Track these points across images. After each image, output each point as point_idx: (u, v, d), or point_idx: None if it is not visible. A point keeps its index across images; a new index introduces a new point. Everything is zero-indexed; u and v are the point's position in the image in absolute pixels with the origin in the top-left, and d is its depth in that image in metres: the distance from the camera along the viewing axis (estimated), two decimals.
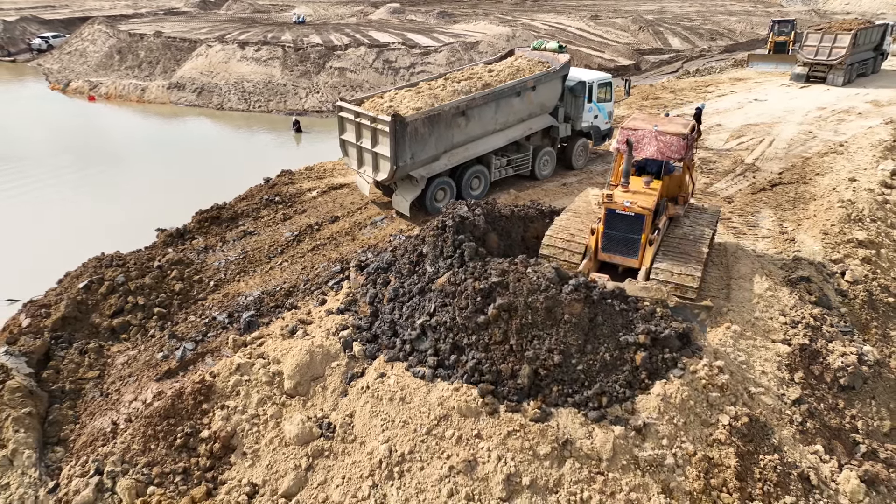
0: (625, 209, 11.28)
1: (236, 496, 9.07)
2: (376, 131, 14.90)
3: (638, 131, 12.02)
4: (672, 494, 8.36)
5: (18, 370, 10.30)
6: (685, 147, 11.84)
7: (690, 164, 13.30)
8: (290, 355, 10.61)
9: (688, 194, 13.31)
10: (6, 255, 19.89)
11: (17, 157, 31.72)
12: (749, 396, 9.92)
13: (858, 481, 9.45)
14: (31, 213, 23.79)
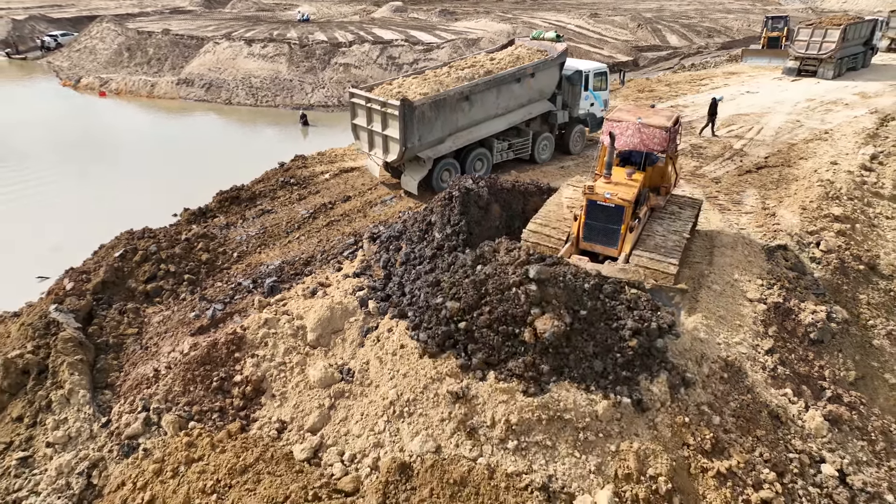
0: (605, 200, 11.60)
1: (267, 431, 10.20)
2: (386, 115, 16.00)
3: (622, 123, 12.47)
4: (656, 427, 9.45)
5: (68, 324, 11.43)
6: (667, 139, 12.28)
7: (674, 155, 13.69)
8: (311, 311, 11.74)
9: (670, 185, 13.61)
10: (35, 239, 21.11)
11: (39, 150, 32.92)
12: (726, 346, 11.04)
13: (822, 419, 10.58)
14: (56, 200, 24.99)
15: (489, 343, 9.68)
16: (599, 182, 12.06)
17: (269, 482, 9.16)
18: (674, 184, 14.05)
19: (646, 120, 12.43)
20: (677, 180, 14.66)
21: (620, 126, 12.48)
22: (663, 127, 12.22)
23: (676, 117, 13.09)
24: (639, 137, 12.39)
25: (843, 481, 9.92)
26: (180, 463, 9.56)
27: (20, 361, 10.72)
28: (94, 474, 9.76)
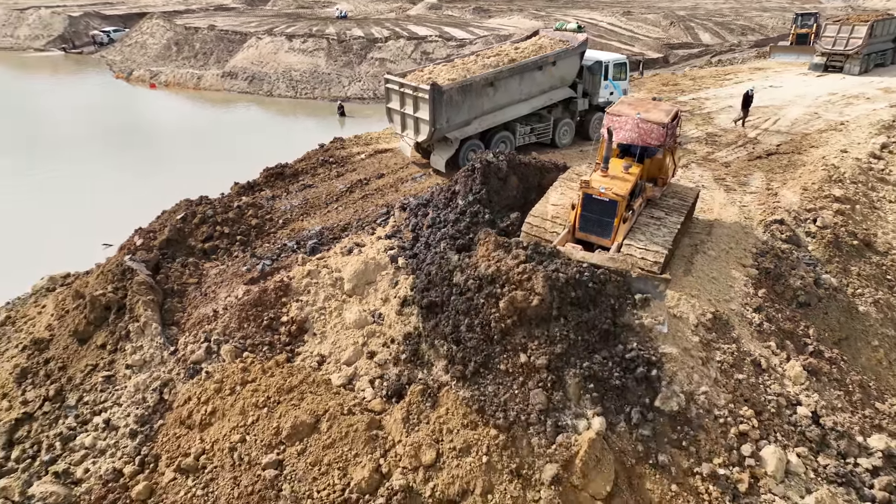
0: (600, 195, 12.00)
1: (309, 363, 11.88)
2: (417, 99, 17.58)
3: (621, 117, 12.90)
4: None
5: (140, 270, 13.30)
6: (664, 135, 12.67)
7: (673, 148, 14.15)
8: (348, 265, 13.40)
9: (667, 176, 14.03)
10: (101, 211, 23.38)
11: (101, 134, 35.59)
12: (716, 302, 12.30)
13: (802, 369, 11.79)
14: (118, 177, 27.36)
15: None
16: (595, 175, 12.56)
17: (311, 399, 10.82)
18: (672, 174, 14.57)
19: (644, 115, 12.86)
20: (675, 171, 15.20)
21: (619, 120, 12.94)
22: (661, 123, 12.68)
23: (676, 112, 13.60)
24: (637, 132, 12.82)
25: (816, 422, 11.12)
26: (236, 383, 11.29)
27: (103, 299, 12.61)
28: (164, 391, 11.56)
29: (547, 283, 10.51)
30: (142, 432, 11.03)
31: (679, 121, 14.19)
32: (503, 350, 10.41)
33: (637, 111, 13.10)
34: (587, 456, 9.49)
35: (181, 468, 10.35)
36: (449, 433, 9.93)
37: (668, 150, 13.56)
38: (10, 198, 26.67)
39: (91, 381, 11.92)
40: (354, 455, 10.02)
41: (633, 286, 11.17)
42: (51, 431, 11.43)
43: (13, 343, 14.49)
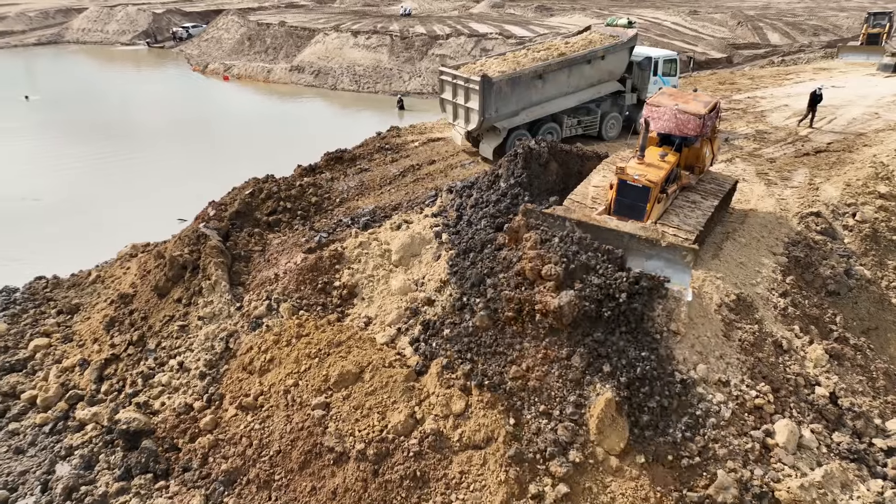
0: (634, 181, 12.46)
1: (357, 322, 13.15)
2: (469, 90, 18.62)
3: (660, 108, 13.32)
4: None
5: (213, 236, 14.91)
6: (701, 126, 12.98)
7: (712, 138, 14.51)
8: (396, 239, 14.61)
9: (704, 165, 14.29)
10: (178, 190, 25.56)
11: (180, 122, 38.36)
12: (742, 285, 12.83)
13: (823, 352, 12.21)
14: (194, 159, 29.69)
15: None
16: (632, 163, 13.04)
17: (357, 352, 12.09)
18: (710, 163, 14.89)
19: (682, 106, 13.21)
20: (714, 160, 15.45)
21: (658, 111, 13.37)
22: (698, 114, 13.00)
23: (715, 103, 13.96)
24: (674, 122, 13.20)
25: (833, 402, 11.56)
26: (292, 336, 12.68)
27: (180, 259, 14.28)
28: (230, 341, 13.08)
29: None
30: (209, 374, 12.56)
31: (718, 112, 14.49)
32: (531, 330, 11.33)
33: (676, 102, 13.55)
34: (603, 414, 10.34)
35: (242, 406, 11.81)
36: (478, 388, 10.96)
37: (705, 139, 13.96)
38: (100, 177, 29.39)
39: (168, 330, 13.58)
40: (392, 402, 11.21)
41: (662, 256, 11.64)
42: (134, 370, 13.14)
43: (103, 298, 16.45)
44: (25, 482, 11.33)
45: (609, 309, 11.26)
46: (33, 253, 21.35)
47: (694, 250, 11.68)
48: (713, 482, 9.96)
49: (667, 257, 11.63)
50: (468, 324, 11.95)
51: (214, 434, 11.55)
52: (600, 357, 10.98)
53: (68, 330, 15.45)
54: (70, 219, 24.57)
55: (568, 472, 9.84)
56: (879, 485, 10.49)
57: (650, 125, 13.45)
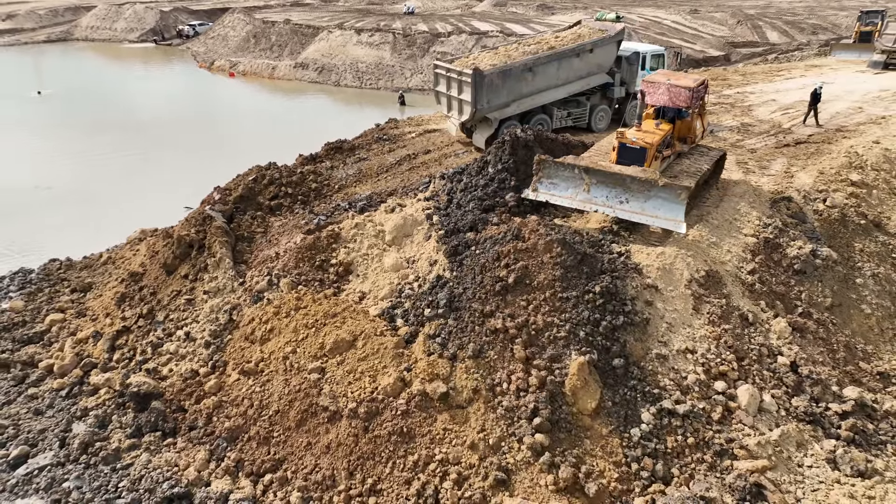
0: (632, 143, 14.36)
1: (352, 297, 14.06)
2: (461, 82, 19.51)
3: (654, 84, 15.29)
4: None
5: (218, 218, 15.85)
6: (691, 97, 14.94)
7: (701, 112, 16.45)
8: (390, 221, 15.52)
9: (696, 136, 16.28)
10: (184, 179, 26.55)
11: (187, 116, 39.38)
12: (712, 262, 13.68)
13: (787, 325, 13.05)
14: (200, 151, 30.68)
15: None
16: (631, 130, 15.05)
17: (351, 322, 13.00)
18: (701, 136, 16.88)
19: (674, 81, 15.15)
20: (704, 134, 17.44)
21: (653, 86, 15.31)
22: (688, 87, 14.95)
23: (703, 80, 15.88)
24: (668, 95, 15.15)
25: (794, 370, 12.41)
26: (291, 309, 13.60)
27: (187, 238, 15.22)
28: (233, 313, 14.02)
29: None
30: (214, 343, 13.50)
31: (706, 88, 16.22)
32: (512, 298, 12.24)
33: (669, 78, 15.44)
34: (576, 378, 11.21)
35: (244, 371, 12.74)
36: (462, 349, 11.85)
37: (696, 113, 15.89)
38: (109, 168, 30.41)
39: (175, 303, 14.52)
40: (383, 367, 12.12)
41: (658, 195, 13.53)
42: (143, 340, 14.09)
43: (114, 277, 17.41)
44: (45, 439, 12.28)
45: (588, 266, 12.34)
46: (46, 238, 22.36)
47: (687, 188, 13.52)
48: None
49: (663, 196, 13.47)
50: (453, 294, 12.86)
51: (218, 396, 12.48)
52: (576, 325, 11.86)
53: (81, 306, 16.41)
54: (80, 207, 25.59)
55: (543, 425, 10.71)
56: (832, 444, 11.33)
57: (646, 98, 15.40)
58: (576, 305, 12.04)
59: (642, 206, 13.71)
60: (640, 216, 13.86)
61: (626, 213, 13.99)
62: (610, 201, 14.07)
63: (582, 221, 15.22)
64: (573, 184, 14.42)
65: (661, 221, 13.67)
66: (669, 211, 13.50)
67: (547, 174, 14.58)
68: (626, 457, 10.67)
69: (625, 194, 13.87)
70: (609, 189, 14.03)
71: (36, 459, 11.72)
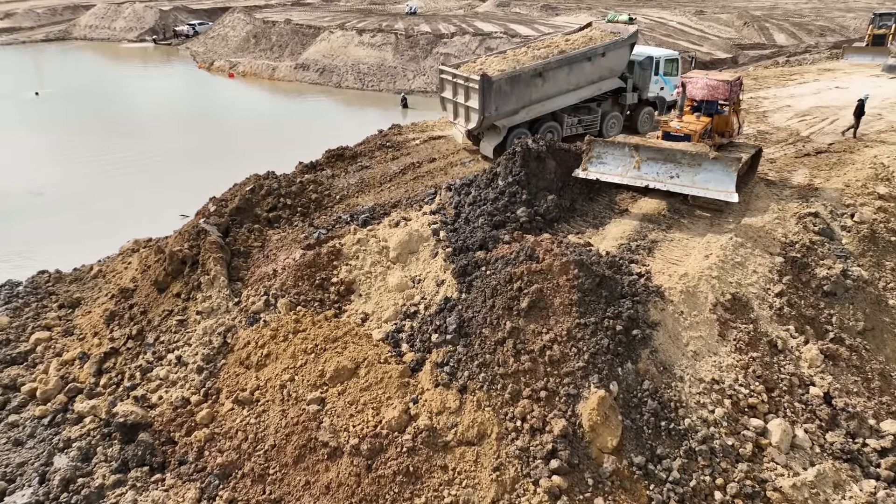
0: (675, 131, 16.09)
1: (354, 319, 13.22)
2: (468, 89, 18.64)
3: (693, 78, 16.85)
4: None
5: (213, 231, 15.02)
6: (729, 90, 16.29)
7: (737, 108, 17.60)
8: (394, 236, 14.68)
9: (733, 131, 17.49)
10: (180, 186, 25.72)
11: (184, 118, 38.52)
12: (737, 285, 12.84)
13: (819, 352, 12.21)
14: (197, 156, 29.84)
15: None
16: (673, 121, 16.93)
17: (353, 348, 12.17)
18: (737, 132, 17.92)
19: (712, 76, 16.94)
20: (741, 130, 18.53)
21: (692, 80, 16.98)
22: (725, 81, 16.47)
23: (739, 77, 17.30)
24: (707, 89, 16.51)
25: (827, 402, 11.58)
26: (289, 332, 12.77)
27: (180, 254, 14.39)
28: (228, 336, 13.18)
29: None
30: (207, 369, 12.67)
31: (741, 84, 17.61)
32: (525, 324, 11.40)
33: (707, 74, 17.64)
34: (596, 413, 10.37)
35: (238, 400, 11.91)
36: (472, 384, 11.03)
37: (733, 109, 17.14)
38: (103, 172, 29.57)
39: (167, 324, 13.69)
40: (387, 398, 11.28)
41: (709, 168, 14.31)
42: (132, 364, 13.25)
43: (104, 292, 16.58)
44: (23, 473, 11.45)
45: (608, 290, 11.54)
46: (36, 247, 21.55)
47: (738, 159, 14.49)
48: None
49: (714, 169, 14.22)
50: (463, 318, 12.03)
51: (210, 428, 11.65)
52: (595, 354, 11.03)
53: (69, 323, 15.58)
54: (73, 214, 24.78)
55: (561, 468, 9.88)
56: (872, 485, 10.51)
57: (686, 89, 16.87)
58: (594, 333, 11.21)
59: (693, 180, 14.44)
60: (692, 189, 14.50)
61: (677, 187, 14.62)
62: (661, 177, 14.75)
63: (598, 238, 14.40)
64: (623, 162, 15.19)
65: (713, 193, 14.23)
66: (720, 183, 14.13)
67: (597, 154, 15.44)
68: (651, 500, 9.84)
69: (676, 169, 14.64)
70: (659, 165, 14.82)
71: (13, 497, 10.88)
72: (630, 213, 15.41)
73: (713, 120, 16.64)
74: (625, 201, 15.96)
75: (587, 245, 13.72)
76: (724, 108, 16.89)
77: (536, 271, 11.83)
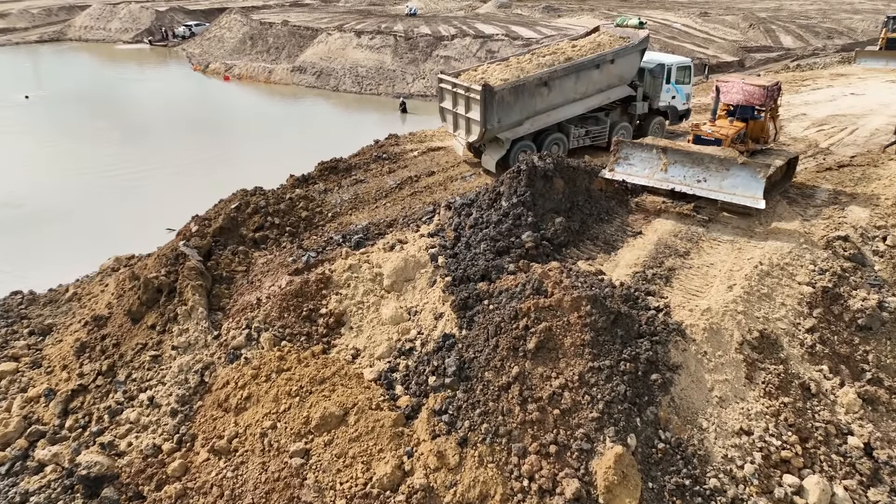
0: (706, 134, 15.65)
1: (344, 355, 12.07)
2: (469, 99, 17.52)
3: (729, 83, 16.28)
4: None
5: (192, 256, 13.87)
6: (765, 96, 15.69)
7: (774, 114, 16.95)
8: (389, 262, 13.52)
9: (768, 137, 16.82)
10: (168, 197, 24.56)
11: (176, 124, 37.38)
12: (765, 320, 11.69)
13: (856, 396, 11.06)
14: (188, 164, 28.69)
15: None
16: (705, 125, 16.37)
17: (342, 392, 11.00)
18: (773, 138, 17.24)
19: (749, 81, 16.14)
20: (777, 136, 17.85)
21: (727, 84, 16.26)
22: (762, 86, 15.74)
23: (777, 83, 16.64)
24: (742, 94, 15.86)
25: (868, 454, 10.42)
26: (273, 371, 11.61)
27: (156, 281, 13.23)
28: (205, 374, 12.03)
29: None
30: (181, 412, 11.52)
31: (780, 89, 16.88)
32: (533, 367, 10.26)
33: (743, 78, 16.54)
34: (612, 472, 9.22)
35: (215, 449, 10.74)
36: (474, 436, 9.88)
37: (769, 115, 16.54)
38: (87, 181, 28.40)
39: (140, 360, 12.53)
40: (379, 450, 10.12)
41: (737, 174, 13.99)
42: (101, 404, 12.10)
43: (77, 318, 15.42)
44: None
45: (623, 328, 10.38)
46: (11, 264, 20.40)
47: (767, 165, 14.11)
48: None
49: (742, 174, 13.89)
50: (463, 358, 10.88)
51: (183, 482, 10.49)
52: (610, 402, 9.89)
53: (38, 354, 14.41)
54: (53, 227, 23.62)
55: None
56: None
57: (721, 96, 16.32)
58: (610, 378, 10.06)
59: (720, 185, 14.16)
60: (718, 194, 14.22)
61: (703, 192, 14.36)
62: (688, 180, 14.53)
63: (610, 265, 13.25)
64: (650, 164, 15.01)
65: (740, 199, 13.95)
66: (748, 188, 13.85)
67: (624, 154, 15.27)
68: None
69: (703, 173, 14.38)
70: (687, 168, 14.59)
71: None
72: (644, 236, 14.27)
73: (748, 125, 16.15)
74: (638, 223, 14.83)
75: (599, 273, 12.60)
76: (761, 113, 16.35)
77: (545, 307, 10.69)
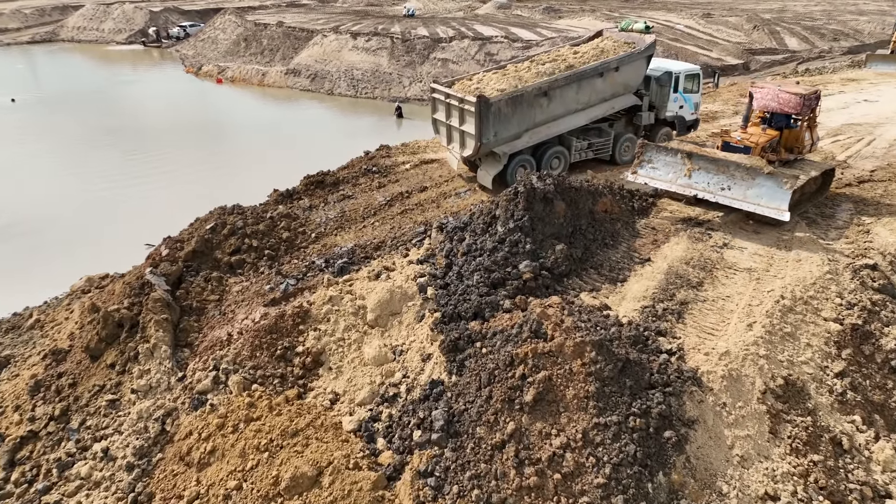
0: (735, 142, 14.79)
1: (321, 400, 10.89)
2: (463, 111, 16.29)
3: (763, 89, 15.11)
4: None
5: (159, 286, 12.67)
6: (801, 105, 14.52)
7: (812, 124, 15.82)
8: (373, 293, 12.33)
9: (803, 148, 15.60)
10: (144, 209, 23.38)
11: (164, 129, 36.23)
12: (789, 364, 10.50)
13: (893, 451, 9.85)
14: (174, 172, 27.53)
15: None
16: (736, 132, 15.44)
17: (316, 447, 9.80)
18: (809, 149, 16.11)
19: (785, 88, 14.94)
20: (814, 147, 16.67)
21: (762, 91, 15.10)
22: (799, 94, 14.52)
23: (817, 91, 15.35)
24: (776, 101, 14.79)
25: None
26: (240, 420, 10.41)
27: (116, 315, 12.04)
28: (167, 422, 10.84)
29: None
30: (139, 466, 10.33)
31: (819, 98, 15.58)
32: (531, 423, 9.07)
33: (779, 84, 15.38)
34: None
35: None
36: (463, 497, 8.70)
37: (806, 124, 15.43)
38: (65, 191, 27.18)
39: (96, 404, 11.35)
40: None
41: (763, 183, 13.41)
42: (51, 455, 10.91)
43: (37, 349, 14.26)
44: None
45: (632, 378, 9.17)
46: None
47: (794, 176, 13.42)
48: None
49: (768, 184, 13.33)
50: (452, 410, 9.69)
51: None
52: (618, 465, 8.70)
53: None
54: (26, 240, 22.41)
55: None
56: None
57: (754, 102, 15.26)
58: (617, 436, 8.85)
59: (745, 194, 13.67)
60: (742, 203, 13.73)
61: (727, 200, 13.87)
62: (711, 187, 14.06)
63: (616, 297, 12.05)
64: (674, 168, 14.58)
65: (764, 209, 13.43)
66: (773, 199, 13.29)
67: (648, 158, 14.87)
68: None
69: (728, 181, 13.87)
70: (711, 175, 14.10)
71: None
72: (653, 263, 13.07)
73: (782, 134, 15.23)
74: (646, 247, 13.64)
75: (604, 308, 11.42)
76: (797, 122, 15.33)
77: (544, 353, 9.48)
